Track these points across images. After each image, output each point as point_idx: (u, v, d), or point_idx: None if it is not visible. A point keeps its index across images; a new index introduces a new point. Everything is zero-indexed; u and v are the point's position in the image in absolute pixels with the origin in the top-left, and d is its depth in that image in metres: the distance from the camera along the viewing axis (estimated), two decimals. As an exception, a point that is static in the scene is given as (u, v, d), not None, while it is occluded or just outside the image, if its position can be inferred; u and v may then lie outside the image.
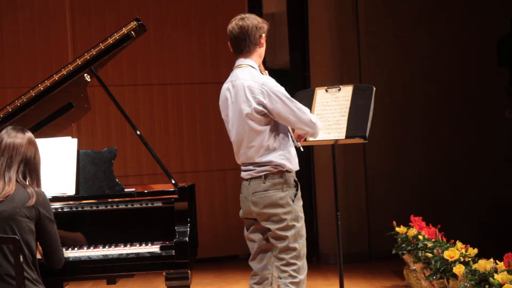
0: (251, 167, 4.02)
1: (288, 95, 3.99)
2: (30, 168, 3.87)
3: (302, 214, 4.04)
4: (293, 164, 4.03)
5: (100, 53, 4.71)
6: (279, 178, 3.97)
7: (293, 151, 4.07)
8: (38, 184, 3.90)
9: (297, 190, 4.02)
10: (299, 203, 4.04)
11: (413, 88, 8.79)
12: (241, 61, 4.11)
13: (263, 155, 3.97)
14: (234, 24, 4.09)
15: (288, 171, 3.99)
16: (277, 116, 3.97)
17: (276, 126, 4.00)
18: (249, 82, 3.98)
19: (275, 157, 3.97)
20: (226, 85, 4.12)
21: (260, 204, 3.99)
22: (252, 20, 4.07)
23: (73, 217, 4.41)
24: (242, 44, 4.08)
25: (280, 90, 3.98)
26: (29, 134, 3.92)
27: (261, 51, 4.14)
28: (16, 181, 3.80)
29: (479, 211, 8.70)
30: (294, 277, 3.96)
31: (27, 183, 3.84)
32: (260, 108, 3.94)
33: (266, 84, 3.96)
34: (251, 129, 3.98)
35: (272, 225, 3.97)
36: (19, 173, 3.82)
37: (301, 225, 4.01)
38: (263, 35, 4.10)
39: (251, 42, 4.07)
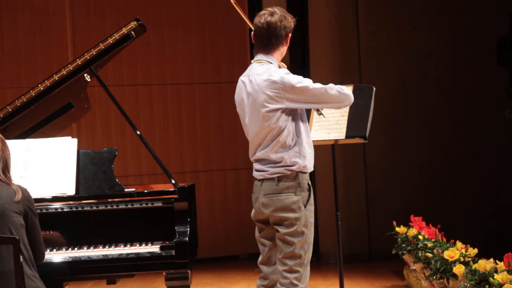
0: (264, 168, 3.92)
1: (309, 82, 3.87)
2: (8, 166, 3.89)
3: (312, 220, 3.92)
4: (308, 162, 3.91)
5: (100, 53, 4.72)
6: (292, 181, 3.86)
7: (310, 149, 3.96)
8: (11, 181, 3.92)
9: (310, 194, 3.91)
10: (311, 208, 3.92)
11: (413, 88, 8.79)
12: (260, 56, 3.98)
13: (278, 152, 3.87)
14: (263, 19, 3.94)
15: (302, 172, 3.88)
16: (305, 106, 3.91)
17: (293, 123, 3.89)
18: (269, 78, 3.86)
19: (289, 155, 3.85)
20: (243, 78, 3.99)
21: (270, 207, 3.90)
22: (281, 17, 3.95)
23: (73, 217, 4.41)
24: (266, 41, 3.96)
25: (300, 80, 3.86)
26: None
27: (283, 50, 4.03)
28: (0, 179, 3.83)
29: (479, 211, 8.69)
30: (295, 285, 3.86)
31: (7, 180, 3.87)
32: (281, 104, 3.84)
33: (286, 78, 3.84)
34: (269, 125, 3.86)
35: (282, 229, 3.88)
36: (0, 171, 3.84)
37: (310, 232, 3.90)
38: (290, 34, 4.00)
39: (276, 41, 3.96)
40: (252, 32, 4.02)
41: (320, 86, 3.89)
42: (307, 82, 3.87)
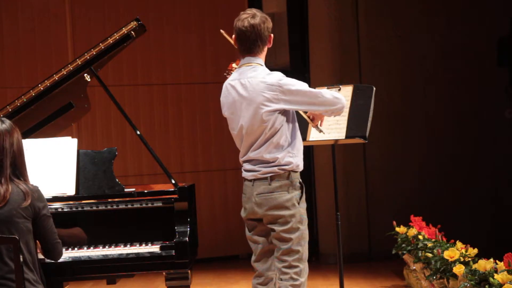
0: (255, 168, 3.97)
1: (305, 85, 3.97)
2: (17, 162, 3.74)
3: (306, 217, 4.01)
4: (300, 162, 4.00)
5: (100, 53, 4.71)
6: (285, 179, 3.93)
7: (301, 149, 4.04)
8: (26, 177, 3.77)
9: (302, 192, 3.99)
10: (304, 206, 4.00)
11: (413, 88, 8.79)
12: (249, 59, 4.03)
13: (272, 152, 3.93)
14: (246, 22, 3.99)
15: (294, 171, 3.96)
16: (300, 108, 4.00)
17: (287, 124, 3.97)
18: (266, 80, 3.93)
19: (282, 155, 3.92)
20: (233, 82, 4.03)
21: (264, 206, 3.95)
22: (262, 18, 4.01)
23: (73, 217, 4.41)
24: (252, 44, 4.01)
25: (296, 82, 3.95)
26: (7, 123, 3.78)
27: (266, 50, 4.09)
28: (10, 180, 3.70)
29: (479, 211, 8.70)
30: (296, 279, 3.93)
31: (19, 179, 3.73)
32: (278, 105, 3.90)
33: (283, 80, 3.92)
34: (265, 126, 3.92)
35: (277, 227, 3.94)
36: (10, 170, 3.70)
37: (305, 227, 3.98)
38: (272, 34, 4.06)
39: (261, 43, 4.02)
40: (234, 36, 4.07)
41: (316, 90, 4.02)
42: (302, 85, 3.97)
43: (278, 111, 3.92)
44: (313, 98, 3.96)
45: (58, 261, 4.19)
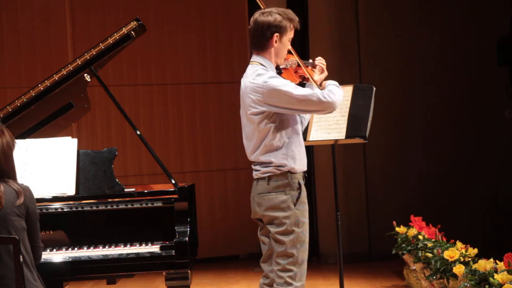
0: (258, 167, 3.96)
1: (292, 87, 3.85)
2: (8, 161, 3.72)
3: (304, 219, 3.92)
4: (298, 164, 3.93)
5: (100, 53, 4.72)
6: (282, 180, 3.88)
7: (300, 150, 3.96)
8: (15, 176, 3.76)
9: (300, 193, 3.91)
10: (302, 207, 3.92)
11: (413, 88, 8.79)
12: (254, 57, 4.01)
13: (266, 154, 3.90)
14: (252, 18, 3.97)
15: (292, 172, 3.90)
16: (284, 111, 3.87)
17: (281, 125, 3.90)
18: (253, 81, 3.89)
19: (277, 156, 3.88)
20: (242, 80, 4.03)
21: (262, 206, 3.93)
22: (269, 17, 3.94)
23: (73, 217, 4.41)
24: (254, 41, 3.99)
25: (282, 85, 3.85)
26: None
27: (276, 50, 3.99)
28: (2, 179, 3.69)
29: (479, 211, 8.70)
30: (290, 284, 3.86)
31: (9, 179, 3.71)
32: (262, 108, 3.86)
33: (268, 82, 3.85)
34: (255, 127, 3.91)
35: (272, 228, 3.90)
36: (1, 170, 3.69)
37: (301, 230, 3.90)
38: (277, 34, 3.94)
39: (262, 40, 3.95)
40: None
41: (303, 93, 3.88)
42: (289, 87, 3.85)
43: (266, 112, 3.87)
44: (296, 103, 3.85)
45: (58, 261, 4.20)
